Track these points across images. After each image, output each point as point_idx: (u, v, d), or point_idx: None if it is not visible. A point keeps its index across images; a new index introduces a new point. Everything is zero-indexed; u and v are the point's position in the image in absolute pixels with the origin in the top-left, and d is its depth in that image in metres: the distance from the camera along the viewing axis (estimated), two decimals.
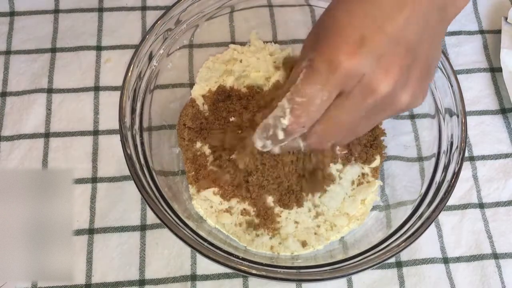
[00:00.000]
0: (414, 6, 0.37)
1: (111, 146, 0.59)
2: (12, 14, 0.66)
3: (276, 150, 0.44)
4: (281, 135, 0.40)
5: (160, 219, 0.46)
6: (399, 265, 0.55)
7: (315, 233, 0.53)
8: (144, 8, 0.66)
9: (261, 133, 0.42)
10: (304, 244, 0.52)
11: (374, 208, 0.55)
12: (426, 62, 0.40)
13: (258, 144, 0.42)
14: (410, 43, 0.38)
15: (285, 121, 0.39)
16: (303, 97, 0.38)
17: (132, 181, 0.48)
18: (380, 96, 0.38)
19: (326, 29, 0.38)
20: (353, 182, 0.55)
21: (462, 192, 0.58)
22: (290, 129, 0.40)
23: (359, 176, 0.56)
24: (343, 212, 0.54)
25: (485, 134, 0.62)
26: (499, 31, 0.66)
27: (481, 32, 0.67)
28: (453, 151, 0.50)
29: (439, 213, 0.47)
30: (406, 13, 0.37)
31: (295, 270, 0.47)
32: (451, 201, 0.57)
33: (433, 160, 0.52)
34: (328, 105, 0.38)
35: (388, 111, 0.40)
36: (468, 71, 0.65)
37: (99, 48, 0.64)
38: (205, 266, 0.54)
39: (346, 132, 0.41)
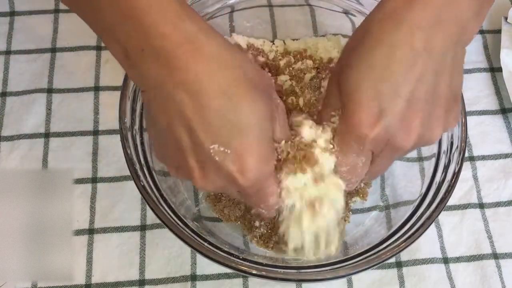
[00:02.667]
0: (426, 60, 0.39)
1: (111, 146, 0.59)
2: (12, 14, 0.66)
3: None
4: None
5: (160, 219, 0.46)
6: (399, 265, 0.55)
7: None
8: None
9: None
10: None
11: (374, 208, 0.55)
12: (449, 94, 0.41)
13: None
14: (427, 94, 0.40)
15: (343, 187, 0.44)
16: (347, 165, 0.43)
17: (132, 181, 0.48)
18: (407, 150, 0.42)
19: (347, 96, 0.41)
20: None
21: (462, 192, 0.58)
22: (349, 189, 0.45)
23: None
24: None
25: (485, 134, 0.61)
26: (499, 31, 0.66)
27: (481, 32, 0.67)
28: (453, 151, 0.50)
29: (439, 213, 0.47)
30: (417, 72, 0.39)
31: (295, 270, 0.47)
32: (451, 201, 0.57)
33: (433, 160, 0.52)
34: (369, 163, 0.43)
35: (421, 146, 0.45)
36: (468, 71, 0.65)
37: (99, 48, 0.64)
38: (205, 266, 0.54)
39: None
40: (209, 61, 0.38)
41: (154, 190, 0.48)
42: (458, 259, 0.55)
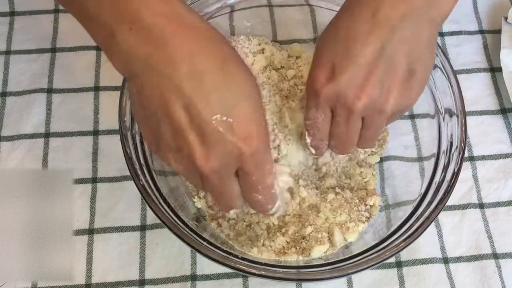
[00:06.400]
0: (384, 28, 0.42)
1: (111, 146, 0.59)
2: (12, 14, 0.67)
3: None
4: (313, 150, 0.50)
5: (160, 219, 0.46)
6: (399, 265, 0.55)
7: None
8: None
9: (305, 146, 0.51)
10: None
11: None
12: (405, 66, 0.43)
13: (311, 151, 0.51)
14: (380, 61, 0.42)
15: (308, 140, 0.49)
16: (309, 120, 0.47)
17: (132, 181, 0.48)
18: (359, 111, 0.44)
19: (314, 56, 0.46)
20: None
21: (462, 192, 0.58)
22: (314, 144, 0.49)
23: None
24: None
25: (485, 134, 0.61)
26: (499, 31, 0.66)
27: (481, 32, 0.67)
28: (452, 151, 0.50)
29: (439, 213, 0.47)
30: (373, 38, 0.42)
31: (295, 270, 0.47)
32: (451, 201, 0.57)
33: (433, 160, 0.52)
34: (329, 121, 0.46)
35: (381, 117, 0.45)
36: (468, 71, 0.65)
37: (99, 48, 0.64)
38: (205, 266, 0.54)
39: (359, 140, 0.48)
40: (200, 38, 0.39)
41: (154, 190, 0.48)
42: (458, 259, 0.55)
